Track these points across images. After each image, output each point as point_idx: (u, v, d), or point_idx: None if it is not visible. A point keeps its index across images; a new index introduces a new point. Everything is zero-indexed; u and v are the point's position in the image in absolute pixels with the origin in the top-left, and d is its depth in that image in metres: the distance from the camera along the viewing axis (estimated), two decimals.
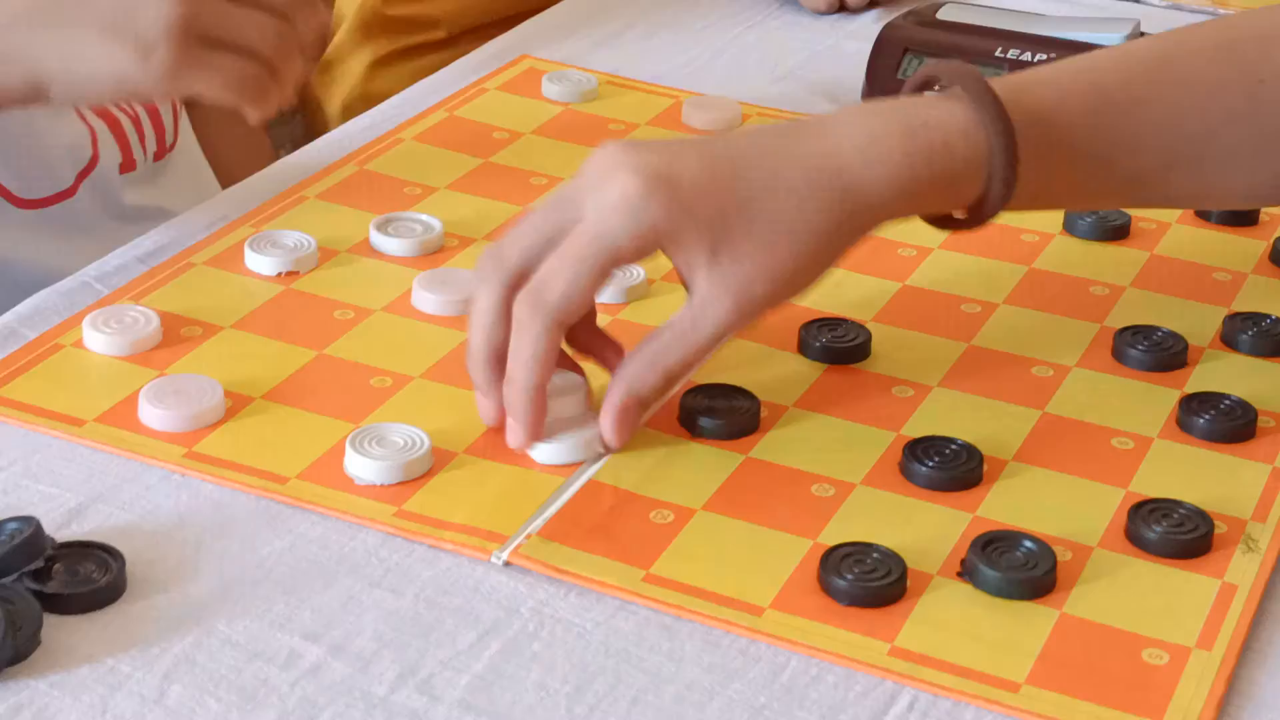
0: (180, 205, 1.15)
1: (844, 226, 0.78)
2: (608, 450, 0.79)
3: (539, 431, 0.78)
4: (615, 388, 0.78)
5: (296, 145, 1.22)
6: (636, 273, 0.93)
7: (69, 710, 0.64)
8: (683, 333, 0.77)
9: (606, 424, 0.78)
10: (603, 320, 0.90)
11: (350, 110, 1.57)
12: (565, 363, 0.81)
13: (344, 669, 0.67)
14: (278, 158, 1.12)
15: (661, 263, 0.94)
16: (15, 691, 0.64)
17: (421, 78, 1.22)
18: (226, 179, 1.23)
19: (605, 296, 0.92)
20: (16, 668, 0.65)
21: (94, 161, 1.14)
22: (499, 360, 0.78)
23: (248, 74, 0.88)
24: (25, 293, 0.90)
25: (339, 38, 1.63)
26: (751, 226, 0.76)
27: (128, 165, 1.16)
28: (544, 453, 0.78)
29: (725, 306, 0.76)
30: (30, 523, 0.70)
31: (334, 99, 1.63)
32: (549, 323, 0.76)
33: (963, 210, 0.83)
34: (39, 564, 0.69)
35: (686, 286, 0.78)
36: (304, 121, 1.67)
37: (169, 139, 1.19)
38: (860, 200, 0.78)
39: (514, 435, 0.78)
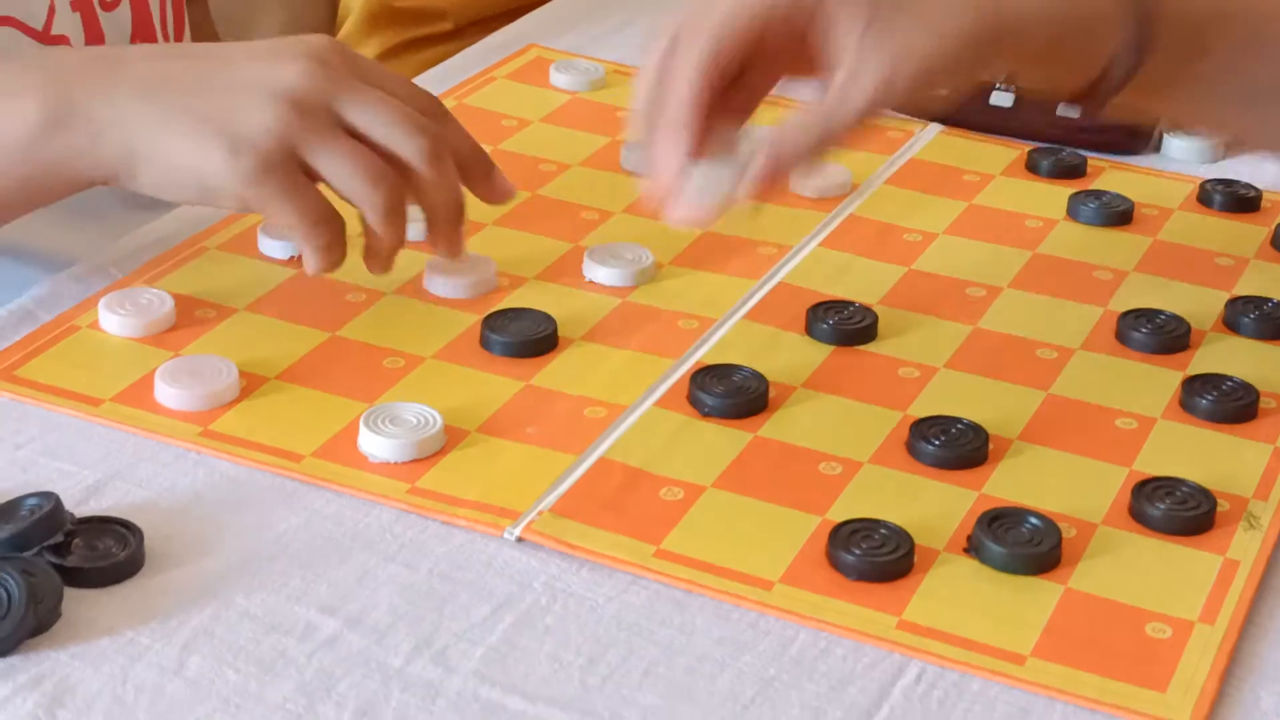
0: None
1: (987, 39, 0.78)
2: (741, 201, 0.78)
3: (699, 149, 0.78)
4: (762, 150, 0.78)
5: None
6: (645, 257, 0.94)
7: (90, 680, 0.65)
8: (832, 103, 0.77)
9: (750, 177, 0.78)
10: (611, 302, 0.91)
11: None
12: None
13: (360, 641, 0.68)
14: None
15: (670, 246, 0.96)
16: (37, 662, 0.66)
17: (428, 69, 1.23)
18: None
19: (613, 279, 0.93)
20: (38, 639, 0.66)
21: None
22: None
23: (328, 220, 0.83)
24: (40, 279, 0.91)
25: (346, 29, 1.64)
26: (910, 9, 0.77)
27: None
28: (692, 182, 0.78)
29: (876, 77, 0.76)
30: (50, 498, 0.71)
31: None
32: (707, 42, 0.76)
33: (1085, 83, 0.83)
34: (59, 538, 0.70)
35: (828, 66, 0.78)
36: None
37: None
38: (1009, 19, 0.78)
39: (665, 153, 0.78)
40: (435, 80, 1.19)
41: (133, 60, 0.86)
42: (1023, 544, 0.73)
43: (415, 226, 0.86)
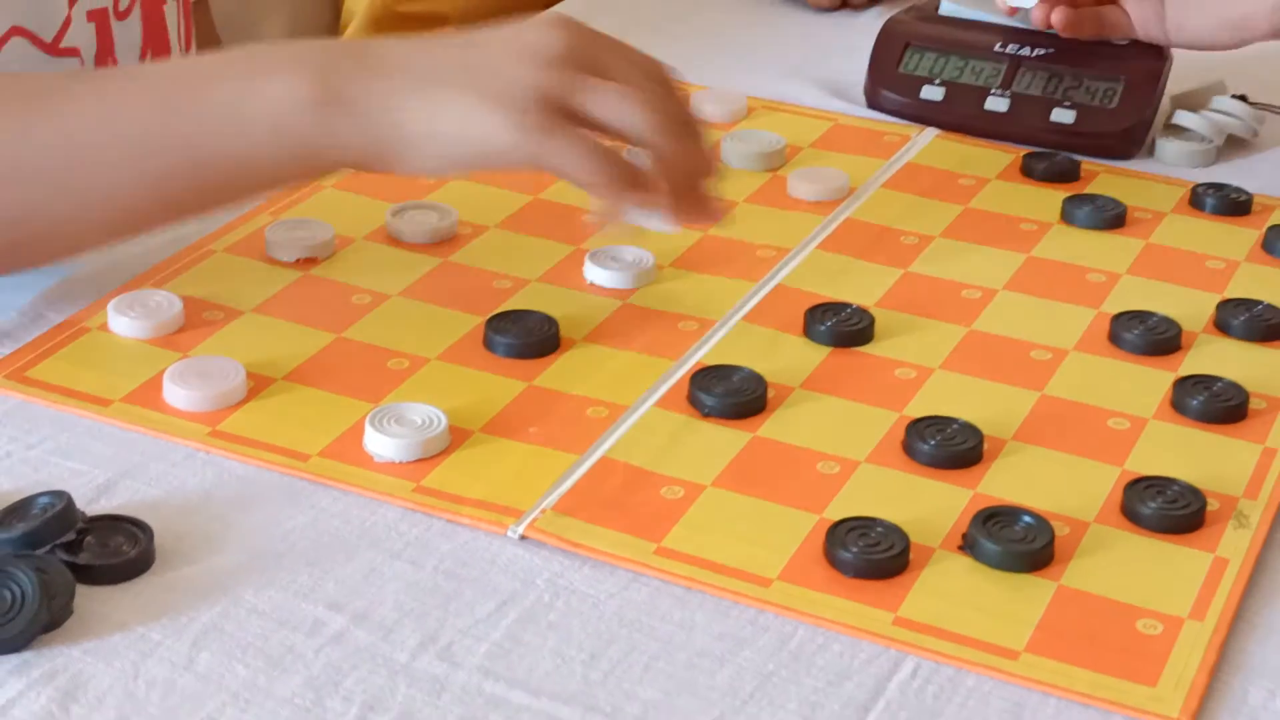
0: None
1: None
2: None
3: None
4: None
5: None
6: (646, 259, 0.95)
7: (102, 675, 0.66)
8: None
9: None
10: (612, 304, 0.92)
11: None
12: None
13: (367, 637, 0.69)
14: None
15: (669, 248, 0.97)
16: (50, 658, 0.67)
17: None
18: None
19: (614, 281, 0.94)
20: (51, 635, 0.68)
21: None
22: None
23: (613, 155, 0.83)
24: (45, 282, 0.92)
25: (349, 33, 1.65)
26: None
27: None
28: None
29: None
30: (61, 497, 0.72)
31: None
32: None
33: None
34: (70, 536, 0.71)
35: None
36: None
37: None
38: None
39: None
40: None
41: (385, 50, 0.86)
42: (1017, 542, 0.74)
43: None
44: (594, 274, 0.95)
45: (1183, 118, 1.16)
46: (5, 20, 0.98)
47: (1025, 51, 1.18)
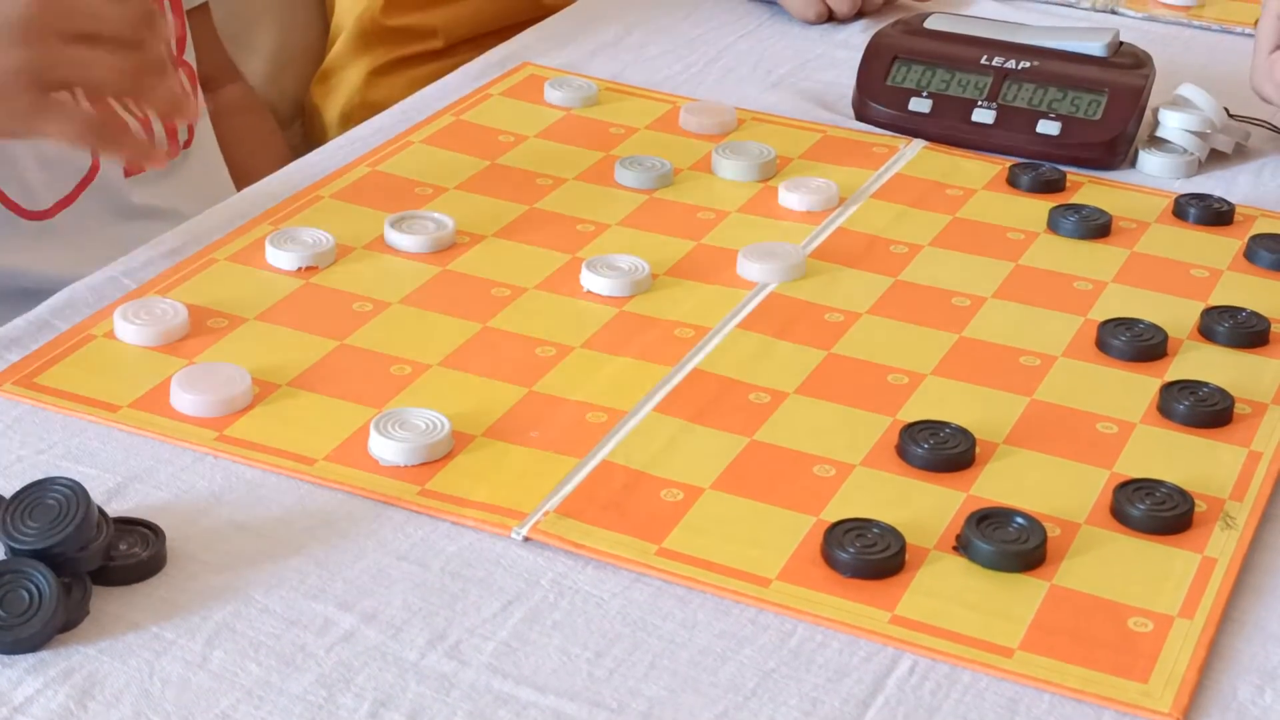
0: (190, 203, 1.19)
1: None
2: None
3: None
4: None
5: (296, 153, 1.26)
6: (641, 267, 0.97)
7: (118, 673, 0.68)
8: None
9: None
10: (609, 311, 0.94)
11: (349, 119, 1.60)
12: None
13: (376, 636, 0.70)
14: (295, 157, 1.16)
15: (664, 257, 0.99)
16: (66, 657, 0.68)
17: (419, 87, 1.26)
18: (242, 179, 1.27)
19: (611, 289, 0.95)
20: (67, 635, 0.69)
21: (94, 170, 1.17)
22: None
23: (97, 114, 0.89)
24: (42, 300, 0.93)
25: (338, 47, 1.67)
26: None
27: (134, 169, 1.19)
28: None
29: None
30: (78, 492, 0.72)
31: (332, 108, 1.66)
32: None
33: None
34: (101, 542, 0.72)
35: None
36: (303, 130, 1.70)
37: (182, 138, 1.22)
38: None
39: None
40: (431, 97, 1.22)
41: None
42: (1010, 542, 0.76)
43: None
44: (591, 282, 0.96)
45: (1167, 130, 1.18)
46: None
47: (1011, 64, 1.20)
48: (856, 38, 1.34)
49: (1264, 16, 1.18)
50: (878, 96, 1.21)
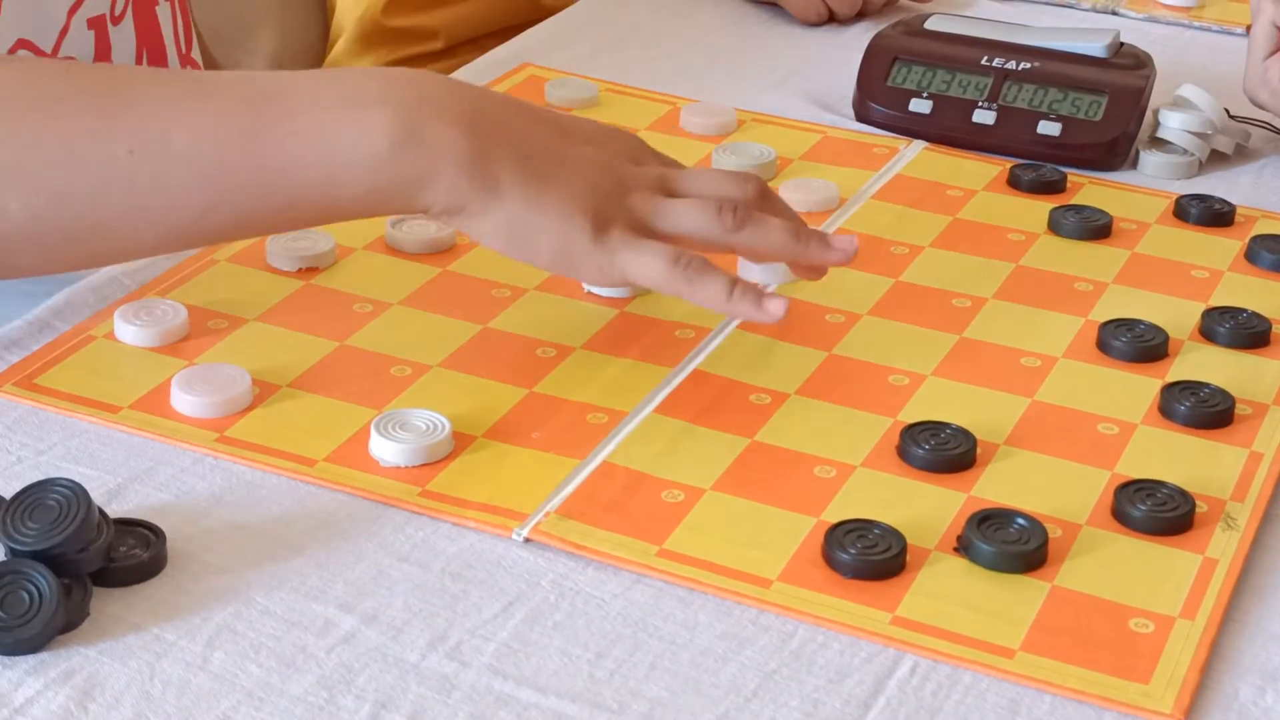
0: None
1: None
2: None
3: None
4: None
5: None
6: None
7: (118, 675, 0.67)
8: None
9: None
10: (609, 312, 0.94)
11: None
12: None
13: (377, 637, 0.70)
14: None
15: None
16: (67, 658, 0.68)
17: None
18: None
19: (612, 290, 0.95)
20: (67, 636, 0.69)
21: None
22: None
23: (679, 254, 0.84)
24: (40, 298, 0.93)
25: (339, 49, 1.67)
26: None
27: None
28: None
29: None
30: (78, 493, 0.72)
31: None
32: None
33: None
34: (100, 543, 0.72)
35: None
36: None
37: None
38: None
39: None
40: None
41: (482, 104, 0.86)
42: (1011, 543, 0.76)
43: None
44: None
45: (1168, 131, 1.18)
46: (12, 32, 0.99)
47: (1011, 65, 1.20)
48: (857, 39, 1.34)
49: (1255, 23, 1.18)
50: (878, 97, 1.21)
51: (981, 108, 1.19)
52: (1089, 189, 1.13)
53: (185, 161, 0.82)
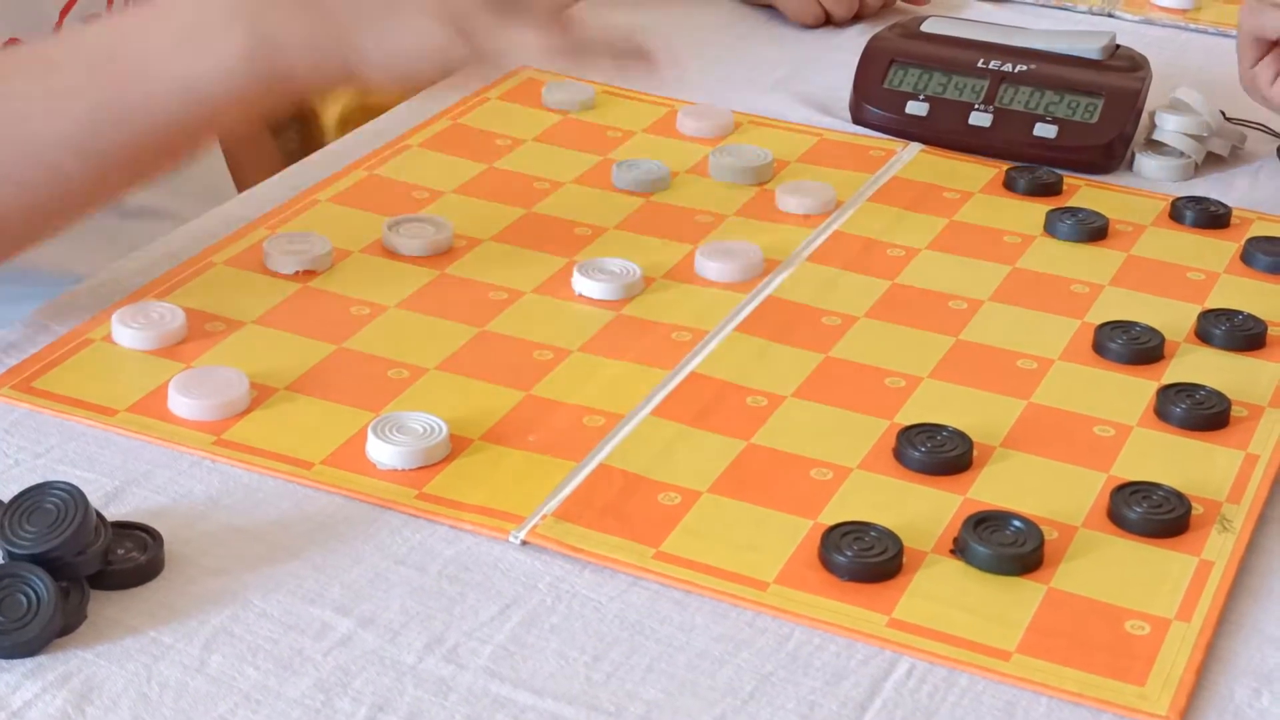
0: (184, 205, 1.19)
1: None
2: None
3: None
4: None
5: (292, 158, 1.25)
6: (632, 271, 0.97)
7: (115, 677, 0.68)
8: None
9: None
10: (606, 315, 0.94)
11: (347, 123, 1.60)
12: None
13: (374, 640, 0.70)
14: (292, 162, 1.15)
15: (658, 260, 0.99)
16: (64, 661, 0.68)
17: (418, 90, 1.26)
18: (238, 184, 1.27)
19: (601, 293, 0.96)
20: (64, 640, 0.69)
21: None
22: None
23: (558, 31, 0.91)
24: (37, 300, 0.93)
25: None
26: None
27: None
28: None
29: None
30: (75, 496, 0.72)
31: (330, 111, 1.66)
32: None
33: None
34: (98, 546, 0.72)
35: None
36: (299, 134, 1.70)
37: None
38: None
39: None
40: (428, 101, 1.22)
41: None
42: (1007, 545, 0.76)
43: None
44: (582, 285, 0.96)
45: (1164, 134, 1.18)
46: (4, 32, 0.99)
47: (1008, 68, 1.20)
48: (852, 41, 1.34)
49: (1239, 34, 1.18)
50: (875, 100, 1.22)
51: (978, 110, 1.19)
52: (1085, 191, 1.13)
53: (53, 128, 0.87)
